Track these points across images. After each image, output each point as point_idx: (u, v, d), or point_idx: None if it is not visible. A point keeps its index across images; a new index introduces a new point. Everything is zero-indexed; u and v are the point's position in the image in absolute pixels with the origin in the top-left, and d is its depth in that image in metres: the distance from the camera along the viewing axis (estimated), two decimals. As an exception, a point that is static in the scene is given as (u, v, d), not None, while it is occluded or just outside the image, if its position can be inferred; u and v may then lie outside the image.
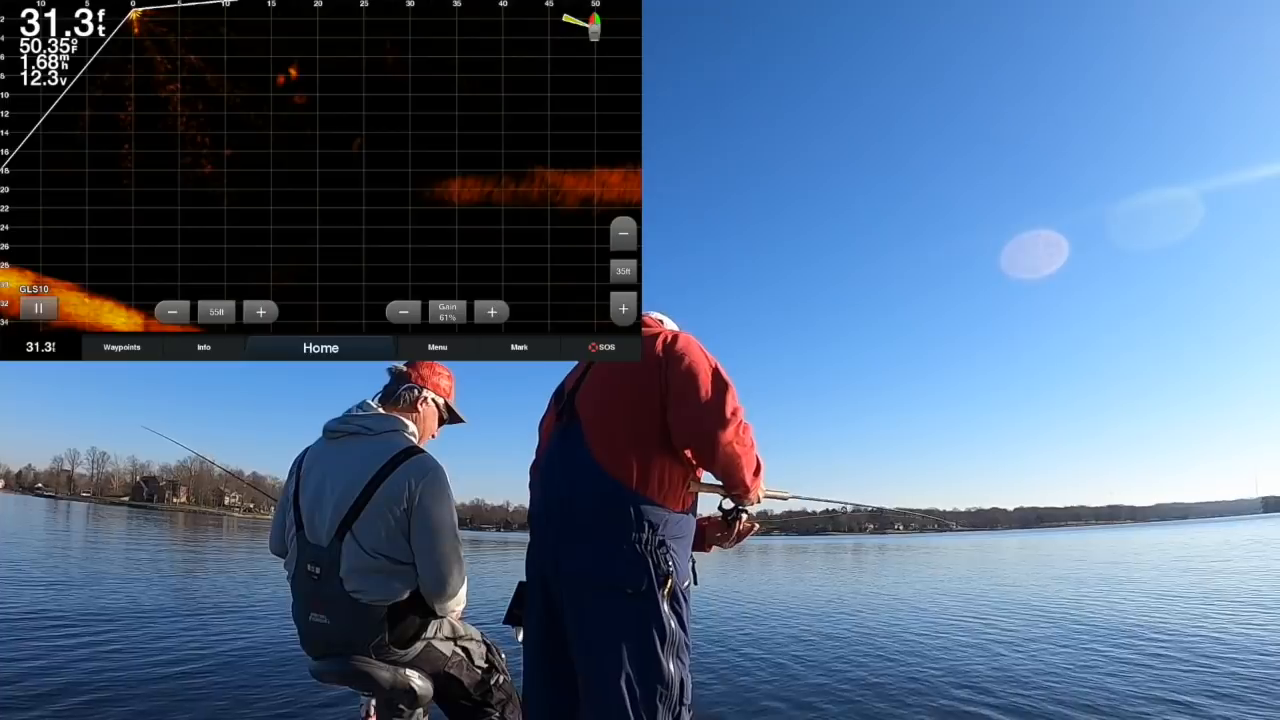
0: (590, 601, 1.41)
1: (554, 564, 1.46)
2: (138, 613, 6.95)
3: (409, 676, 1.81)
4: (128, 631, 5.99)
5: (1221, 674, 4.98)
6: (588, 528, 1.44)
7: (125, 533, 25.96)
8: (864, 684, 4.92)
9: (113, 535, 23.67)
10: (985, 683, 4.91)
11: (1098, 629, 7.25)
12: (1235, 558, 18.57)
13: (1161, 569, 15.45)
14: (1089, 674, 5.10)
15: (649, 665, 1.37)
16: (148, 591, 8.66)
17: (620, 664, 1.36)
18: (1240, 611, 8.09)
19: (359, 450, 1.84)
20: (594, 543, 1.43)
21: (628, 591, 1.39)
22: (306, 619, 1.83)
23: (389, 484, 1.77)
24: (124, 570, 11.49)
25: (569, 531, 1.46)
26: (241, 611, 7.54)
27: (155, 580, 10.14)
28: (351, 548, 1.76)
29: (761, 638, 7.02)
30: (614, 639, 1.37)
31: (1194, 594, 10.13)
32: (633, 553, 1.41)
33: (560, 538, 1.46)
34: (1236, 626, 7.07)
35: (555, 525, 1.49)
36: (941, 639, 6.92)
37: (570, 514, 1.47)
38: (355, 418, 1.91)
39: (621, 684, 1.35)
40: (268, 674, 4.77)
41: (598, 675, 1.38)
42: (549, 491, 1.54)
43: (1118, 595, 10.41)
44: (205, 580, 10.84)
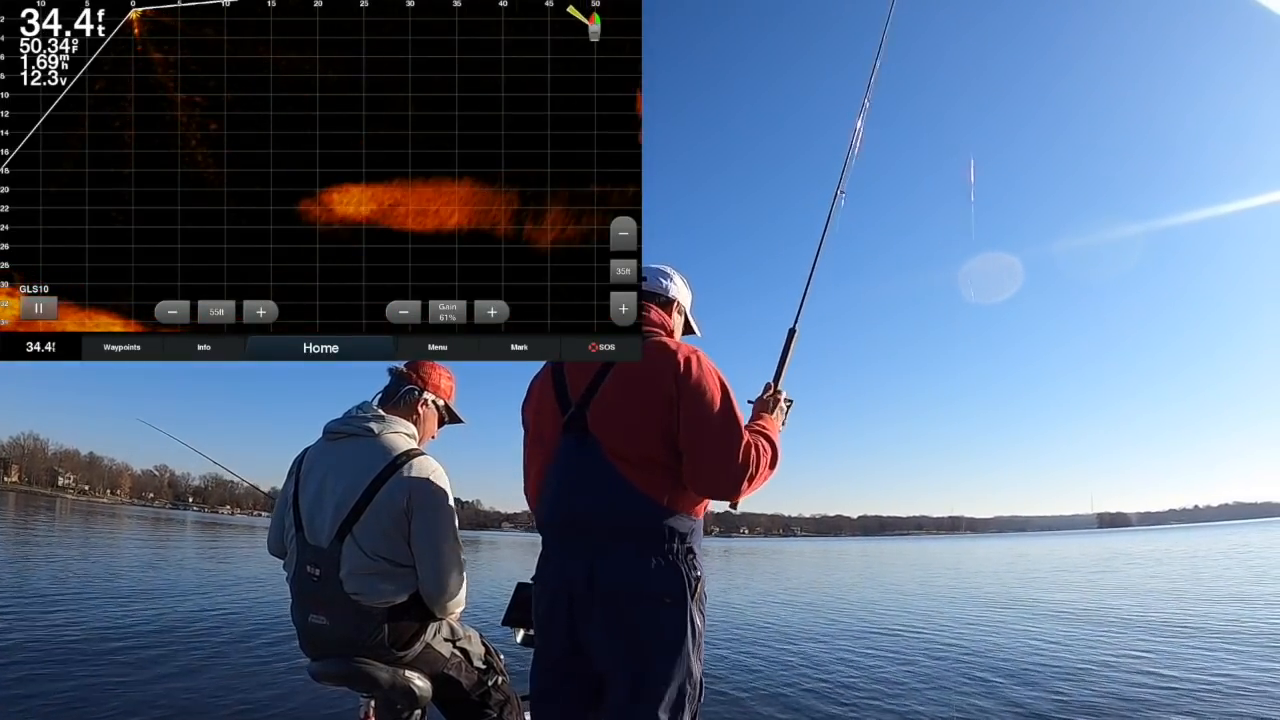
0: (631, 612, 1.44)
1: (586, 577, 1.46)
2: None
3: (408, 677, 1.81)
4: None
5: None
6: (623, 542, 1.47)
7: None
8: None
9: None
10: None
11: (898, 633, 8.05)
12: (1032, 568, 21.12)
13: (968, 577, 18.19)
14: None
15: (682, 668, 1.44)
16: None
17: (659, 670, 1.43)
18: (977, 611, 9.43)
19: (360, 452, 1.84)
20: (632, 556, 1.46)
21: (666, 601, 1.45)
22: (306, 620, 1.83)
23: (389, 486, 1.77)
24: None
25: (604, 545, 1.47)
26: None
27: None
28: (352, 550, 1.76)
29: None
30: (654, 647, 1.43)
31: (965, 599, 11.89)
32: (667, 563, 1.47)
33: (596, 552, 1.47)
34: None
35: (585, 538, 1.49)
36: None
37: (604, 528, 1.48)
38: (356, 419, 1.91)
39: (660, 689, 1.42)
40: (265, 673, 4.76)
41: (635, 682, 1.43)
42: (574, 505, 1.52)
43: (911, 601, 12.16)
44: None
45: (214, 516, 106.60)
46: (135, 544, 19.70)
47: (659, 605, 1.45)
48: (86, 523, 27.75)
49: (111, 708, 3.91)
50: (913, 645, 7.25)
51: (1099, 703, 4.77)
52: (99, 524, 30.14)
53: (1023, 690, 5.15)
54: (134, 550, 17.84)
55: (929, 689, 5.24)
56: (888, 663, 6.38)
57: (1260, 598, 11.28)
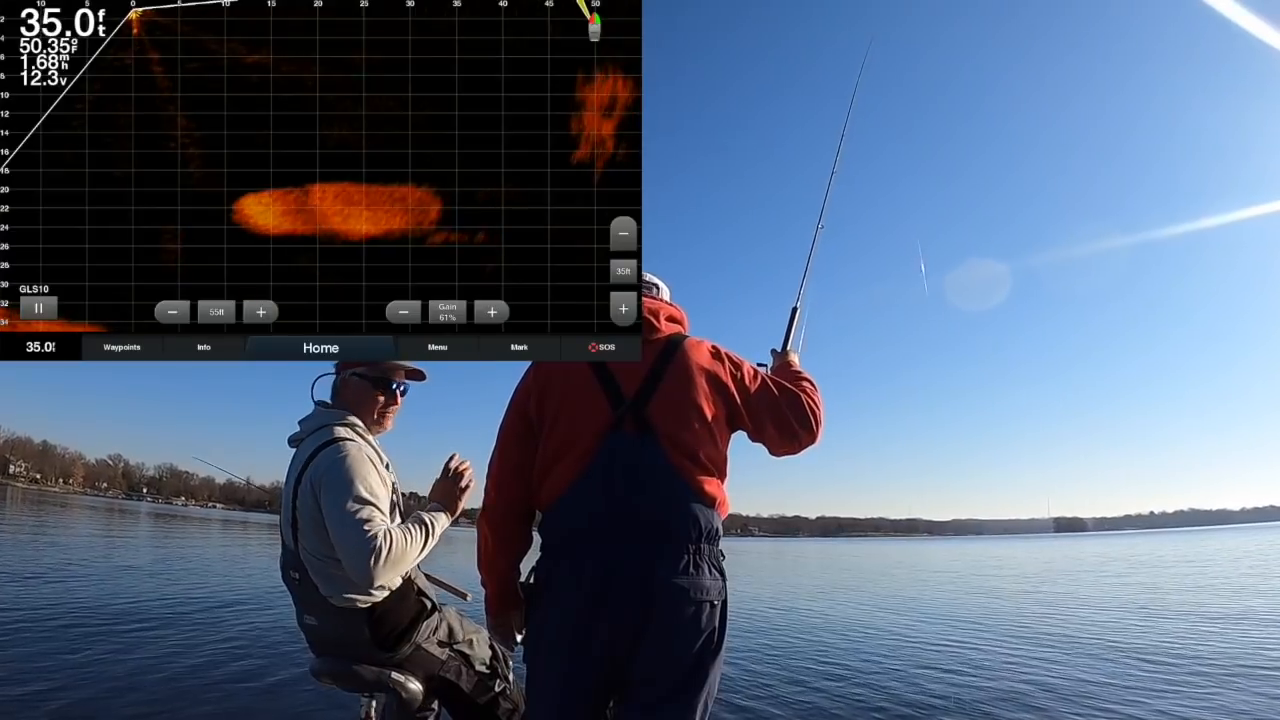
0: (688, 614, 1.44)
1: (644, 577, 1.43)
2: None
3: (396, 679, 1.80)
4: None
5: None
6: (681, 542, 1.47)
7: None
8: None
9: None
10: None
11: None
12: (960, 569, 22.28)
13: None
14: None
15: (717, 670, 1.48)
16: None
17: (703, 672, 1.45)
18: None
19: (295, 457, 1.87)
20: (689, 557, 1.47)
21: (713, 603, 1.47)
22: (302, 620, 1.87)
23: (302, 490, 1.77)
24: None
25: (661, 546, 1.46)
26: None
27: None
28: (304, 553, 1.79)
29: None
30: (702, 649, 1.45)
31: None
32: (713, 565, 1.50)
33: (655, 553, 1.45)
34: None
35: (640, 539, 1.46)
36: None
37: (662, 529, 1.47)
38: (302, 421, 1.93)
39: (700, 690, 1.45)
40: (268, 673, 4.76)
41: (678, 684, 1.43)
42: (632, 504, 1.48)
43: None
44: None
45: (169, 508, 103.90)
46: (140, 542, 19.73)
47: (708, 607, 1.46)
48: (38, 514, 27.74)
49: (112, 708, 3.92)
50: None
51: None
52: (49, 515, 30.14)
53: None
54: (142, 546, 17.84)
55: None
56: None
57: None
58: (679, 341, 1.60)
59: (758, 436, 1.68)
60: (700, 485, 1.50)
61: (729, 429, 1.62)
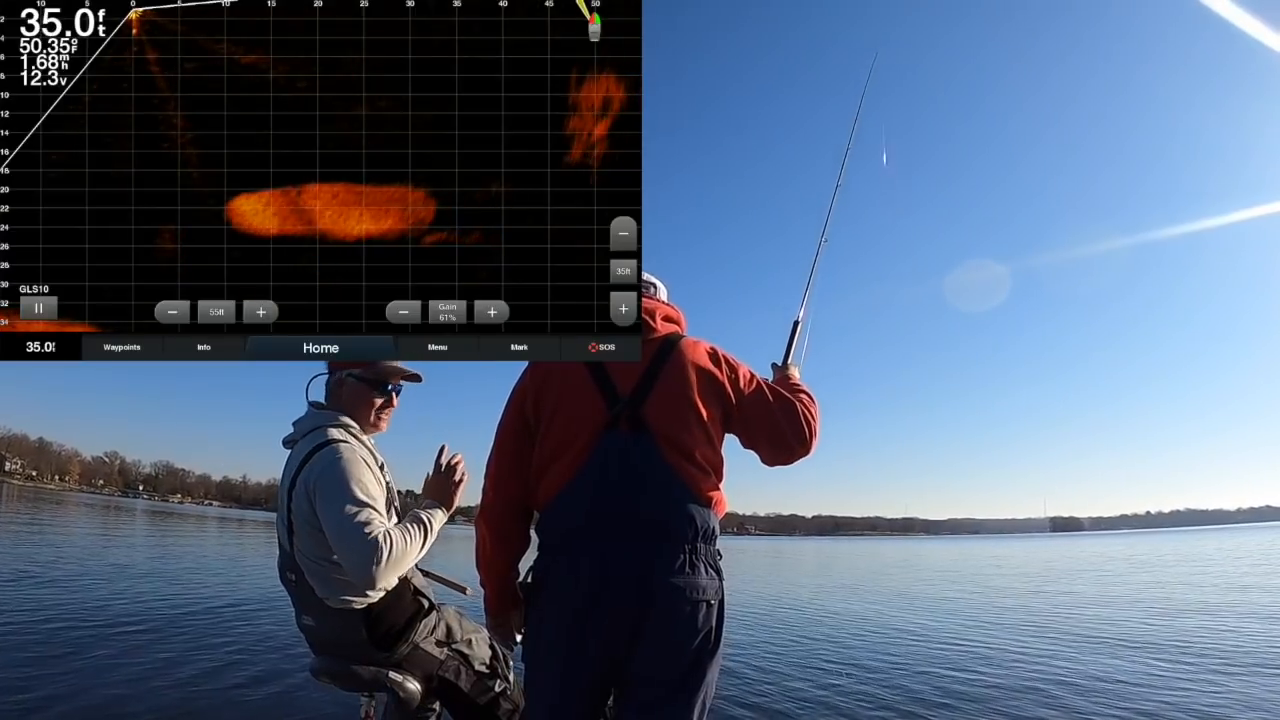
0: (686, 613, 1.45)
1: (641, 576, 1.44)
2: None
3: (394, 679, 1.81)
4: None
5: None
6: (679, 542, 1.47)
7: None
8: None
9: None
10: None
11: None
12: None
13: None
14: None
15: (715, 669, 1.49)
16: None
17: (701, 671, 1.46)
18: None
19: (291, 457, 1.86)
20: (687, 557, 1.47)
21: (711, 602, 1.48)
22: (301, 621, 1.87)
23: (297, 494, 1.77)
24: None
25: (660, 546, 1.46)
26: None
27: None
28: (300, 556, 1.78)
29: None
30: (701, 649, 1.46)
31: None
32: (711, 564, 1.51)
33: (653, 552, 1.46)
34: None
35: (638, 538, 1.46)
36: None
37: (661, 528, 1.47)
38: (295, 422, 1.92)
39: (698, 690, 1.45)
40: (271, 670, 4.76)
41: (678, 683, 1.44)
42: (630, 504, 1.48)
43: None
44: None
45: (165, 505, 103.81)
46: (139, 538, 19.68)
47: (705, 606, 1.47)
48: (34, 510, 27.70)
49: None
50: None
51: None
52: (46, 512, 30.07)
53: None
54: (140, 545, 17.81)
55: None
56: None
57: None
58: (675, 341, 1.60)
59: (750, 444, 1.68)
60: (696, 484, 1.50)
61: (724, 429, 1.63)
